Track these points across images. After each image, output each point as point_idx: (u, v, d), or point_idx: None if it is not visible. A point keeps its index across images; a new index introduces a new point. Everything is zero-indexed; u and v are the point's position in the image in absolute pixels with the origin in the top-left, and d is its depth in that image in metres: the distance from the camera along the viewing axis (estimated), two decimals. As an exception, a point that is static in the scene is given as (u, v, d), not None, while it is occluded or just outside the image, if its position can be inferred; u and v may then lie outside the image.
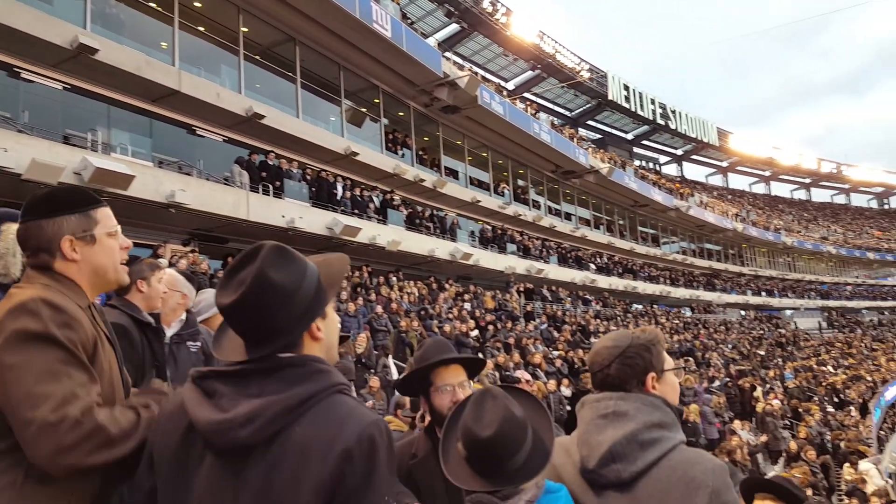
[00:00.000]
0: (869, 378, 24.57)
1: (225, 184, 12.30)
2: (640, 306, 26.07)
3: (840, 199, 66.25)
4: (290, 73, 15.33)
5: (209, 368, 1.20)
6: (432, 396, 2.00)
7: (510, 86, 33.64)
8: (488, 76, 30.13)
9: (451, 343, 2.26)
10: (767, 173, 59.65)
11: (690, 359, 17.88)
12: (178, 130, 12.94)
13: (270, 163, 13.34)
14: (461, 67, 20.39)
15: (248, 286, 1.14)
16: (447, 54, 21.44)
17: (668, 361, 1.62)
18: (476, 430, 1.44)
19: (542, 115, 25.70)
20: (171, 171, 11.55)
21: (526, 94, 33.18)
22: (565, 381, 11.71)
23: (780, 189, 62.68)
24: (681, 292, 30.44)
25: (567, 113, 39.99)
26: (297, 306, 1.18)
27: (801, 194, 63.88)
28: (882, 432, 22.02)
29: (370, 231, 14.72)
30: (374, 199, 16.14)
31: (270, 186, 12.91)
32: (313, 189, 14.19)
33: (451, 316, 13.65)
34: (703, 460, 1.44)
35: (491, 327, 14.01)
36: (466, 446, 1.47)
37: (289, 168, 13.77)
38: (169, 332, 2.76)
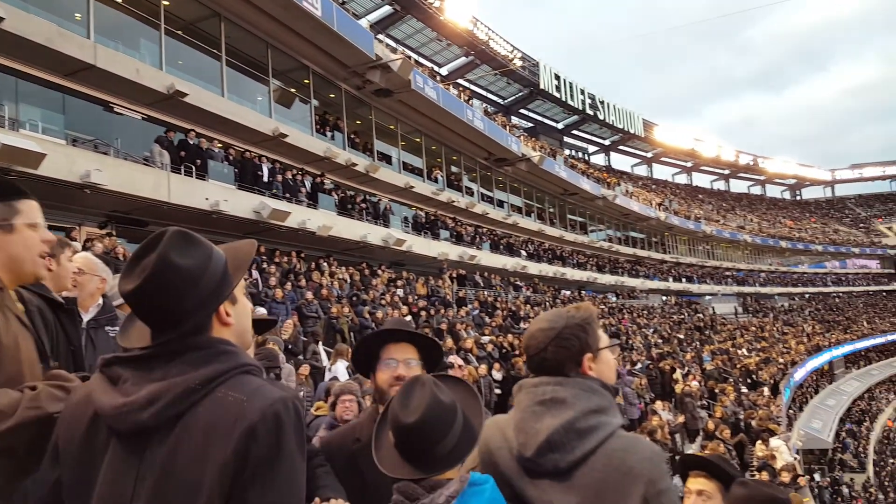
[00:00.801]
0: (780, 360, 26.24)
1: (144, 164, 11.69)
2: (568, 292, 26.71)
3: (756, 190, 69.91)
4: (214, 51, 14.72)
5: (114, 355, 1.18)
6: (377, 371, 1.95)
7: (444, 71, 33.57)
8: (422, 61, 29.93)
9: (410, 323, 2.19)
10: (689, 164, 62.22)
11: (617, 342, 18.46)
12: (94, 107, 12.20)
13: (192, 142, 12.78)
14: (394, 50, 20.10)
15: (149, 271, 1.12)
16: (380, 36, 21.10)
17: (603, 339, 1.59)
18: (402, 416, 1.42)
19: (476, 102, 25.80)
20: (86, 149, 10.86)
21: (459, 81, 33.21)
22: (496, 365, 11.85)
23: (700, 180, 65.64)
24: (607, 278, 31.39)
25: (499, 101, 40.31)
26: (201, 290, 1.15)
27: (720, 185, 67.03)
28: (791, 411, 23.60)
29: (300, 216, 14.39)
30: (305, 182, 15.76)
31: (193, 167, 12.37)
32: (237, 171, 13.71)
33: (383, 302, 13.55)
34: (640, 448, 1.44)
35: (423, 313, 14.01)
36: (394, 432, 1.45)
37: (210, 148, 13.22)
38: (86, 316, 2.65)
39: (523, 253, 25.80)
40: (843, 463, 26.12)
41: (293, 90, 17.62)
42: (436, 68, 32.07)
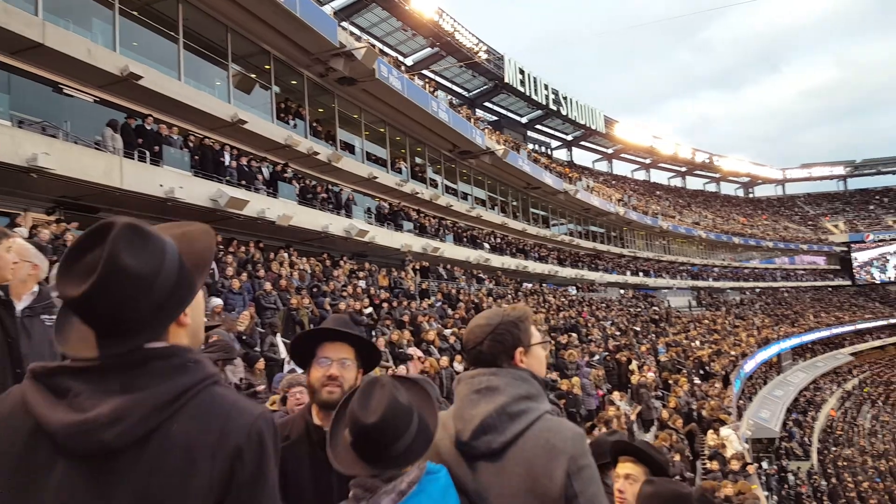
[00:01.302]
0: (731, 352, 27.00)
1: (96, 148, 11.27)
2: (530, 285, 26.94)
3: (711, 188, 71.63)
4: (171, 33, 14.27)
5: (57, 364, 1.04)
6: (311, 368, 1.94)
7: (409, 62, 33.34)
8: (387, 50, 29.67)
9: (351, 322, 2.16)
10: (648, 161, 63.36)
11: (574, 334, 18.73)
12: (43, 88, 11.68)
13: (148, 127, 12.38)
14: (358, 39, 19.86)
15: (97, 276, 0.98)
16: (344, 24, 20.80)
17: (536, 336, 1.75)
18: (361, 417, 1.47)
19: (441, 94, 25.72)
20: (32, 132, 10.39)
21: (424, 72, 33.03)
22: (458, 357, 11.87)
23: (658, 176, 66.91)
24: (567, 272, 31.79)
25: (464, 93, 40.29)
26: (157, 295, 1.04)
27: (677, 182, 68.46)
28: (741, 401, 24.34)
29: (259, 204, 14.12)
30: (264, 170, 15.46)
31: (147, 153, 11.98)
32: (196, 157, 13.35)
33: (345, 293, 13.43)
34: (563, 429, 1.58)
35: (386, 305, 13.93)
36: (352, 432, 1.50)
37: (168, 134, 12.86)
38: (20, 305, 2.56)
39: (486, 245, 25.91)
40: (789, 451, 27.08)
41: (253, 76, 17.25)
42: (401, 58, 31.82)
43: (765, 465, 22.91)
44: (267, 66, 17.06)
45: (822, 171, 72.79)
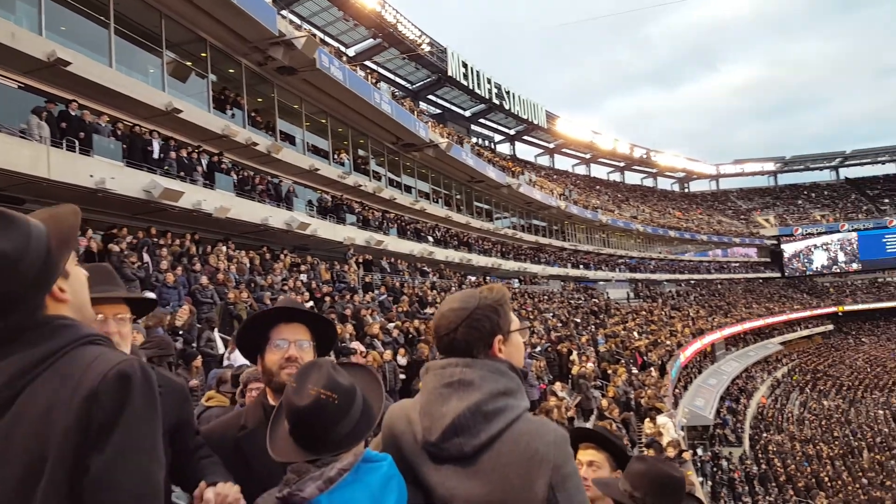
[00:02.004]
0: (667, 343, 27.89)
1: (21, 137, 10.62)
2: (473, 278, 27.08)
3: (649, 183, 73.75)
4: (102, 17, 13.60)
5: None
6: (266, 353, 1.83)
7: (351, 52, 32.93)
8: (328, 40, 29.21)
9: (302, 304, 2.07)
10: (588, 156, 64.73)
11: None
12: (-40, 73, 10.98)
13: (74, 114, 11.76)
14: (298, 27, 19.46)
15: None
16: (283, 12, 20.35)
17: (515, 322, 1.57)
18: (296, 401, 1.39)
19: (383, 86, 25.44)
20: (-52, 119, 9.74)
21: (367, 63, 32.66)
22: (401, 350, 11.80)
23: (598, 171, 68.43)
24: (510, 265, 32.14)
25: (408, 85, 40.12)
26: (24, 275, 1.06)
27: (616, 177, 70.20)
28: (677, 390, 25.19)
29: (195, 196, 13.65)
30: (201, 161, 14.95)
31: (76, 142, 11.39)
32: (125, 147, 12.78)
33: (285, 287, 13.15)
34: (546, 432, 1.41)
35: (328, 299, 13.72)
36: (288, 418, 1.42)
37: (97, 122, 12.25)
38: None
39: (430, 239, 25.89)
40: (722, 438, 28.24)
41: (189, 63, 16.66)
42: (342, 49, 31.40)
43: (700, 451, 23.82)
44: (203, 54, 16.49)
45: (753, 167, 75.93)
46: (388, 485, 1.37)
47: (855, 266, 64.75)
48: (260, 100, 19.27)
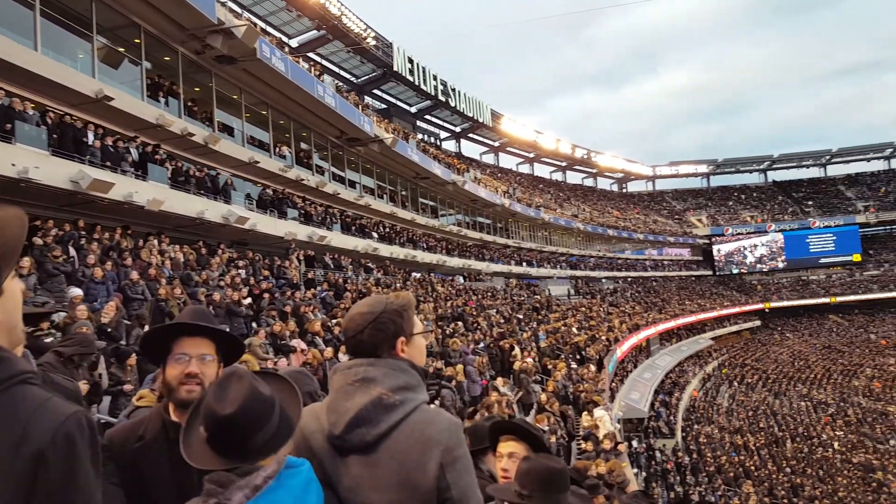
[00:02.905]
0: (605, 338, 28.56)
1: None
2: (418, 274, 27.05)
3: (589, 182, 75.53)
4: (27, -1, 12.85)
5: None
6: (167, 366, 1.79)
7: (293, 43, 32.29)
8: (269, 30, 28.53)
9: (209, 314, 2.01)
10: (532, 155, 65.69)
11: (461, 322, 19.02)
12: None
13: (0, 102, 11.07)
14: (238, 16, 18.89)
15: None
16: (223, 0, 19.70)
17: (418, 325, 1.72)
18: (217, 409, 1.39)
19: (327, 78, 25.03)
20: None
21: (310, 55, 32.09)
22: (343, 348, 11.64)
23: (541, 170, 69.62)
24: (455, 261, 32.25)
25: (353, 79, 39.67)
26: None
27: (558, 176, 71.56)
28: (613, 384, 25.84)
29: (126, 187, 13.08)
30: (133, 150, 14.33)
31: (-5, 128, 10.72)
32: (55, 136, 12.13)
33: (222, 284, 12.76)
34: (440, 420, 1.58)
35: (267, 295, 13.39)
36: (207, 426, 1.41)
37: (22, 109, 11.56)
38: None
39: (375, 235, 25.66)
40: (656, 430, 29.17)
41: (122, 49, 15.92)
42: (285, 39, 30.76)
43: (635, 443, 24.50)
44: (137, 40, 15.79)
45: (687, 169, 78.74)
46: (309, 488, 1.44)
47: (781, 265, 68.08)
48: (197, 89, 18.63)
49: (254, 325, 11.77)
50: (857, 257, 66.39)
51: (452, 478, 1.49)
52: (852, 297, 62.92)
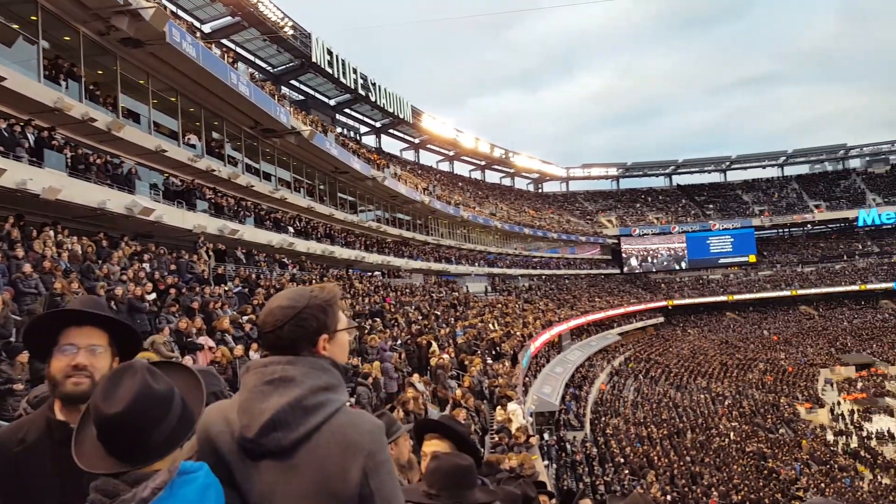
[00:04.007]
0: (520, 334, 29.26)
1: None
2: (336, 270, 26.67)
3: (507, 182, 77.11)
4: None
5: None
6: (52, 358, 1.66)
7: (206, 28, 31.04)
8: (180, 13, 27.25)
9: (102, 303, 1.88)
10: (451, 153, 66.29)
11: (379, 319, 18.93)
12: None
13: None
14: (147, -3, 17.89)
15: None
16: (131, -21, 18.61)
17: (342, 321, 1.62)
18: (104, 407, 1.29)
19: (241, 66, 24.22)
20: None
21: (224, 41, 30.95)
22: (254, 345, 11.31)
23: (460, 168, 70.42)
24: (374, 258, 32.03)
25: (269, 68, 38.57)
26: None
27: (477, 175, 72.58)
28: (527, 379, 26.52)
29: (19, 174, 12.15)
30: (28, 135, 13.33)
31: None
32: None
33: (124, 278, 12.08)
34: (362, 422, 1.49)
35: (173, 291, 12.80)
36: (96, 425, 1.31)
37: None
38: None
39: (291, 229, 25.06)
40: (566, 422, 30.17)
41: (16, 27, 14.75)
42: (197, 24, 29.48)
43: (546, 436, 25.25)
44: (33, 17, 14.66)
45: (599, 171, 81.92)
46: (205, 495, 1.33)
47: (683, 265, 72.09)
48: (100, 72, 17.55)
49: (158, 321, 11.24)
50: (752, 258, 71.27)
51: (376, 485, 1.42)
52: (747, 296, 67.55)
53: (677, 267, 72.30)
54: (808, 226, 74.41)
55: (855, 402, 45.46)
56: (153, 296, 11.74)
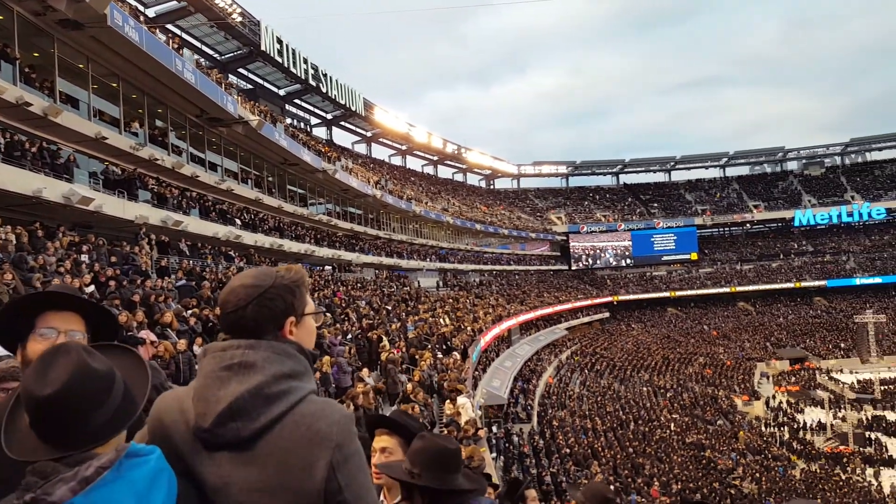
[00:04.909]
0: (470, 329, 29.46)
1: None
2: (285, 264, 26.16)
3: (459, 177, 77.41)
4: None
5: None
6: (28, 343, 1.59)
7: (151, 13, 29.98)
8: (124, -4, 26.17)
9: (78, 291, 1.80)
10: (404, 147, 66.07)
11: (329, 314, 18.73)
12: None
13: None
14: (87, -23, 17.14)
15: None
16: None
17: (310, 304, 1.53)
18: (35, 389, 1.18)
19: (187, 53, 23.47)
20: None
21: (169, 27, 29.96)
22: (198, 340, 11.04)
23: (413, 163, 70.25)
24: (325, 251, 31.62)
25: (216, 56, 37.56)
26: None
27: (429, 170, 72.56)
28: (477, 373, 26.73)
29: (-56, 159, 11.49)
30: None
31: None
32: None
33: (61, 269, 11.59)
34: (331, 412, 1.38)
35: (113, 283, 12.35)
36: (27, 409, 1.21)
37: None
38: None
39: (238, 221, 24.50)
40: (515, 415, 30.57)
41: (-58, 3, 13.94)
42: (141, 8, 28.41)
43: (494, 428, 25.52)
44: (-39, -7, 13.89)
45: (549, 169, 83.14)
46: (157, 480, 1.23)
47: (628, 261, 73.96)
48: (37, 55, 16.74)
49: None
50: (694, 256, 73.71)
51: (345, 478, 1.33)
52: (689, 292, 69.84)
53: (623, 264, 74.11)
54: (748, 225, 77.51)
55: (789, 394, 47.67)
56: (91, 288, 11.30)
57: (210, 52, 37.08)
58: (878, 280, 65.63)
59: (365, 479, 1.41)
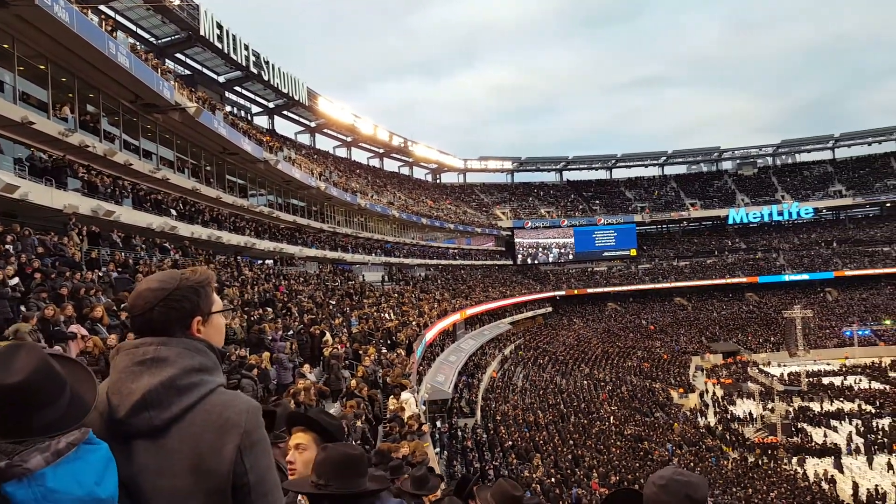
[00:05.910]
0: (415, 323, 29.40)
1: None
2: (223, 257, 25.48)
3: (405, 171, 77.06)
4: None
5: None
6: None
7: (83, -8, 28.43)
8: (53, -27, 24.77)
9: None
10: (349, 139, 65.25)
11: (270, 308, 18.31)
12: None
13: None
14: (11, -50, 16.12)
15: None
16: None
17: (217, 303, 1.62)
18: (1, 377, 1.23)
19: (121, 36, 22.44)
20: None
21: (102, 8, 28.53)
22: (130, 335, 10.57)
23: (358, 155, 69.53)
24: (266, 244, 30.90)
25: (152, 40, 36.11)
26: None
27: (375, 162, 71.96)
28: (421, 367, 26.72)
29: None
30: None
31: None
32: None
33: (-20, 260, 10.89)
34: (239, 402, 1.49)
35: (40, 275, 11.69)
36: None
37: None
38: None
39: (174, 212, 23.63)
40: (459, 410, 30.74)
41: None
42: (72, -14, 26.96)
43: (439, 423, 25.61)
44: None
45: (495, 164, 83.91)
46: (109, 466, 1.32)
47: (571, 257, 75.45)
48: (-47, 30, 15.66)
49: (23, 308, 10.22)
50: (633, 252, 75.77)
51: (250, 462, 1.43)
52: (628, 287, 71.83)
53: (566, 259, 75.53)
54: (685, 223, 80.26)
55: (722, 387, 49.68)
56: (17, 280, 10.67)
57: (146, 35, 35.61)
58: (805, 277, 69.03)
59: (269, 464, 1.50)
